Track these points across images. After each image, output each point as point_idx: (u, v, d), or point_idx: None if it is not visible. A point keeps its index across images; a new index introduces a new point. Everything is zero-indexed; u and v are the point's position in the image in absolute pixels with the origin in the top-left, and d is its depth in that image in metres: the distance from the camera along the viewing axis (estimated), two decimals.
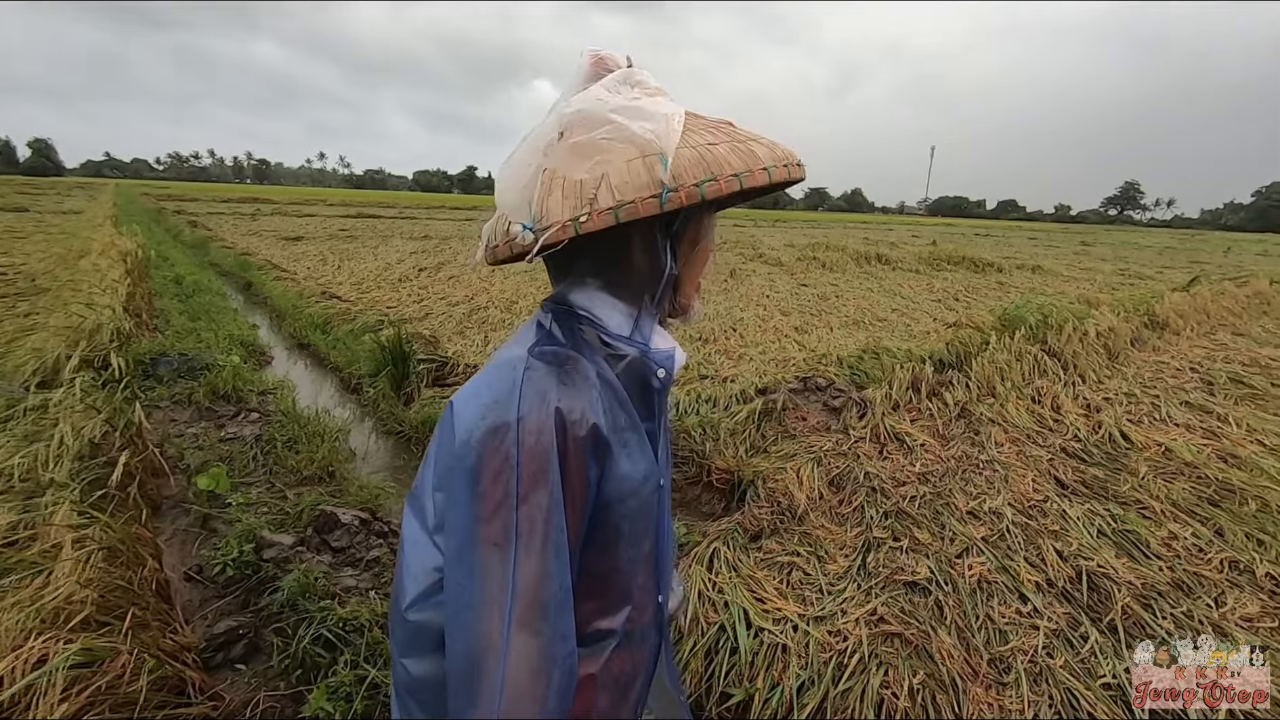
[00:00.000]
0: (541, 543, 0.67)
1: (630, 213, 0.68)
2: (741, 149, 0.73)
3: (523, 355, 0.73)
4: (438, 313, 7.24)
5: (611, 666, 0.82)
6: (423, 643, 0.76)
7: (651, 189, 0.68)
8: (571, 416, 0.69)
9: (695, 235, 0.81)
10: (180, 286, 8.51)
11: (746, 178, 0.71)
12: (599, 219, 0.67)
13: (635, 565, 0.82)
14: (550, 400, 0.69)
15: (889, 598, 2.28)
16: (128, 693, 1.63)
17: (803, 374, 4.76)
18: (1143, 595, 2.33)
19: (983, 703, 1.86)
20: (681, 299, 0.85)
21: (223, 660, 2.10)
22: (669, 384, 0.84)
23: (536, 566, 0.66)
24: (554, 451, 0.68)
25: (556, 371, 0.72)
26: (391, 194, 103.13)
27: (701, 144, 0.72)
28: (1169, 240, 40.76)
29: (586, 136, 0.70)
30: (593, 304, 0.79)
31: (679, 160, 0.69)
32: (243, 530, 2.64)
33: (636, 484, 0.78)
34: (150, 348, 5.01)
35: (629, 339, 0.80)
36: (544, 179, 0.71)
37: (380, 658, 1.98)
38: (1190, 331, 6.93)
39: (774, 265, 12.79)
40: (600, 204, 0.68)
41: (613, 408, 0.76)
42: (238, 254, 12.02)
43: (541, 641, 0.66)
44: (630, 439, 0.78)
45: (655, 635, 0.91)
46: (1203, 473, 3.29)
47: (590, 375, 0.74)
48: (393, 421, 4.44)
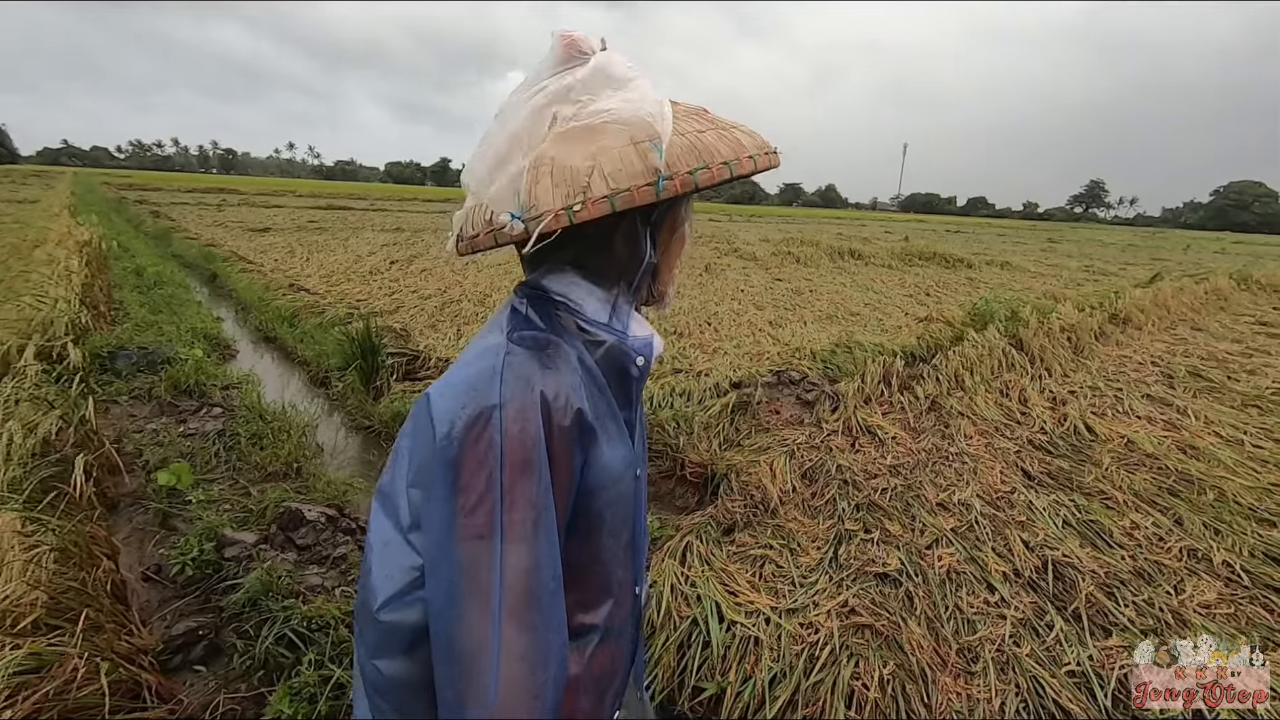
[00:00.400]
0: (531, 532, 0.65)
1: (626, 201, 0.66)
2: (727, 137, 0.73)
3: (502, 341, 0.71)
4: (409, 305, 7.12)
5: (593, 665, 0.80)
6: (396, 643, 0.73)
7: (646, 177, 0.66)
8: (556, 402, 0.68)
9: (674, 223, 0.81)
10: (141, 278, 8.25)
11: (736, 165, 0.71)
12: (594, 208, 0.65)
13: (615, 556, 0.81)
14: (534, 385, 0.67)
15: (860, 589, 2.30)
16: (78, 698, 1.57)
17: (776, 367, 4.79)
18: (1106, 584, 2.38)
19: (951, 692, 1.88)
20: (659, 286, 0.84)
21: (181, 662, 2.04)
22: (646, 372, 0.83)
23: (526, 557, 0.64)
24: (540, 437, 0.66)
25: (538, 356, 0.70)
26: (363, 185, 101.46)
27: (690, 131, 0.71)
28: (1132, 238, 41.85)
29: (579, 123, 0.68)
30: (569, 290, 0.77)
31: (671, 148, 0.68)
32: (203, 528, 2.56)
33: (618, 472, 0.77)
34: (108, 340, 4.85)
35: (607, 325, 0.78)
36: (531, 166, 0.68)
37: (346, 657, 1.93)
38: (1152, 326, 7.11)
39: (749, 260, 12.83)
40: (594, 192, 0.65)
41: (593, 394, 0.74)
42: (202, 245, 11.70)
43: (535, 635, 0.65)
44: (610, 426, 0.76)
45: (632, 629, 0.90)
46: (1163, 463, 3.37)
47: (572, 360, 0.73)
48: (361, 416, 4.36)
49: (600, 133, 0.68)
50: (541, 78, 0.72)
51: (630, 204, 0.66)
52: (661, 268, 0.83)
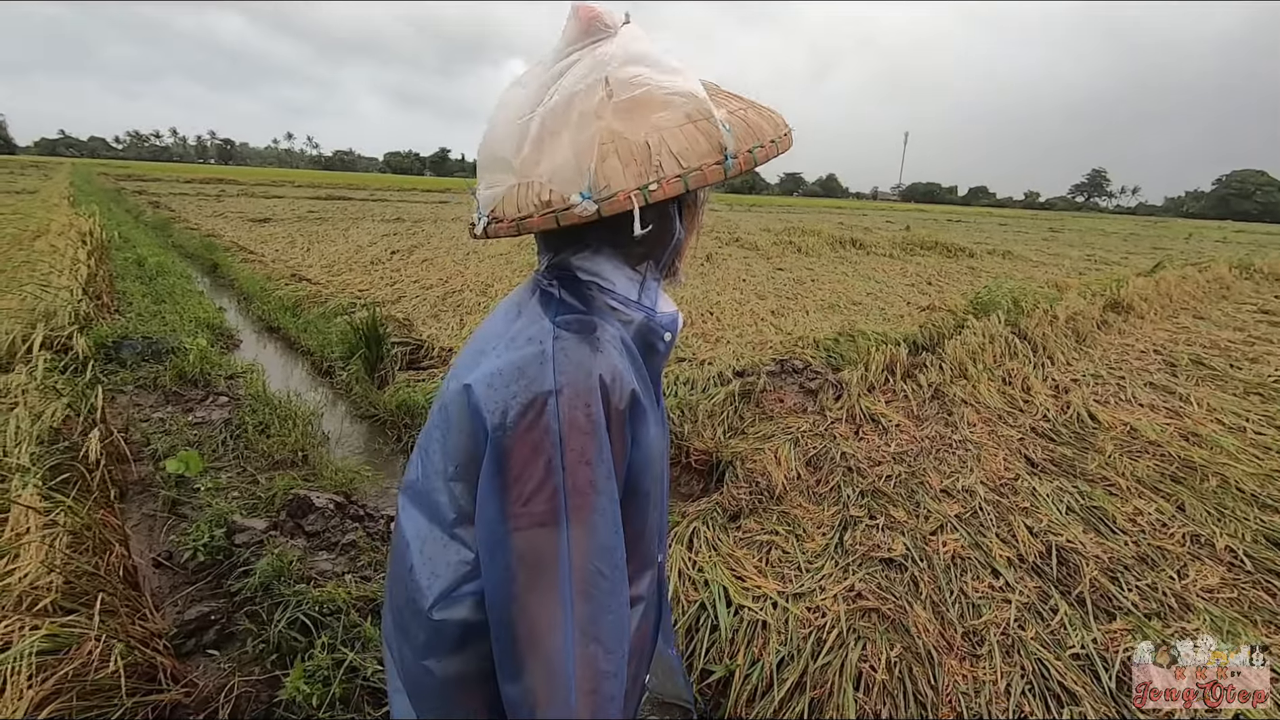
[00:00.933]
0: (596, 515, 0.65)
1: (698, 180, 0.65)
2: (765, 114, 0.74)
3: (548, 327, 0.70)
4: (411, 296, 7.12)
5: (638, 636, 0.82)
6: (447, 641, 0.73)
7: (715, 155, 0.66)
8: (613, 385, 0.68)
9: (699, 212, 0.82)
10: (143, 269, 8.24)
11: (780, 143, 0.73)
12: (668, 187, 0.64)
13: (654, 529, 0.83)
14: (590, 369, 0.67)
15: (866, 574, 2.31)
16: (96, 679, 1.59)
17: (779, 356, 4.79)
18: (1109, 569, 2.39)
19: (957, 674, 1.90)
20: (678, 262, 0.85)
21: (194, 646, 2.06)
22: (670, 348, 0.83)
23: (592, 539, 0.65)
24: (602, 421, 0.66)
25: (588, 339, 0.69)
26: (362, 175, 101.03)
27: (736, 109, 0.71)
28: (1134, 227, 41.76)
29: (630, 95, 0.66)
30: (600, 269, 0.77)
31: (736, 126, 0.69)
32: (213, 515, 2.58)
33: (659, 449, 0.78)
34: (112, 330, 4.85)
35: (637, 303, 0.78)
36: (597, 143, 0.65)
37: (359, 641, 1.95)
38: (1154, 315, 7.11)
39: (750, 250, 12.81)
40: (666, 171, 0.64)
41: (639, 372, 0.75)
42: (203, 235, 11.68)
43: (609, 616, 0.65)
44: (650, 405, 0.77)
45: (657, 598, 0.91)
46: (1166, 451, 3.38)
47: (617, 340, 0.73)
48: (366, 405, 4.37)
49: (657, 107, 0.66)
50: (565, 52, 0.70)
51: (702, 183, 0.66)
52: (684, 247, 0.84)
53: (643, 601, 0.82)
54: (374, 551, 2.50)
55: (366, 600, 2.16)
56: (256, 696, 1.83)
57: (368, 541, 2.56)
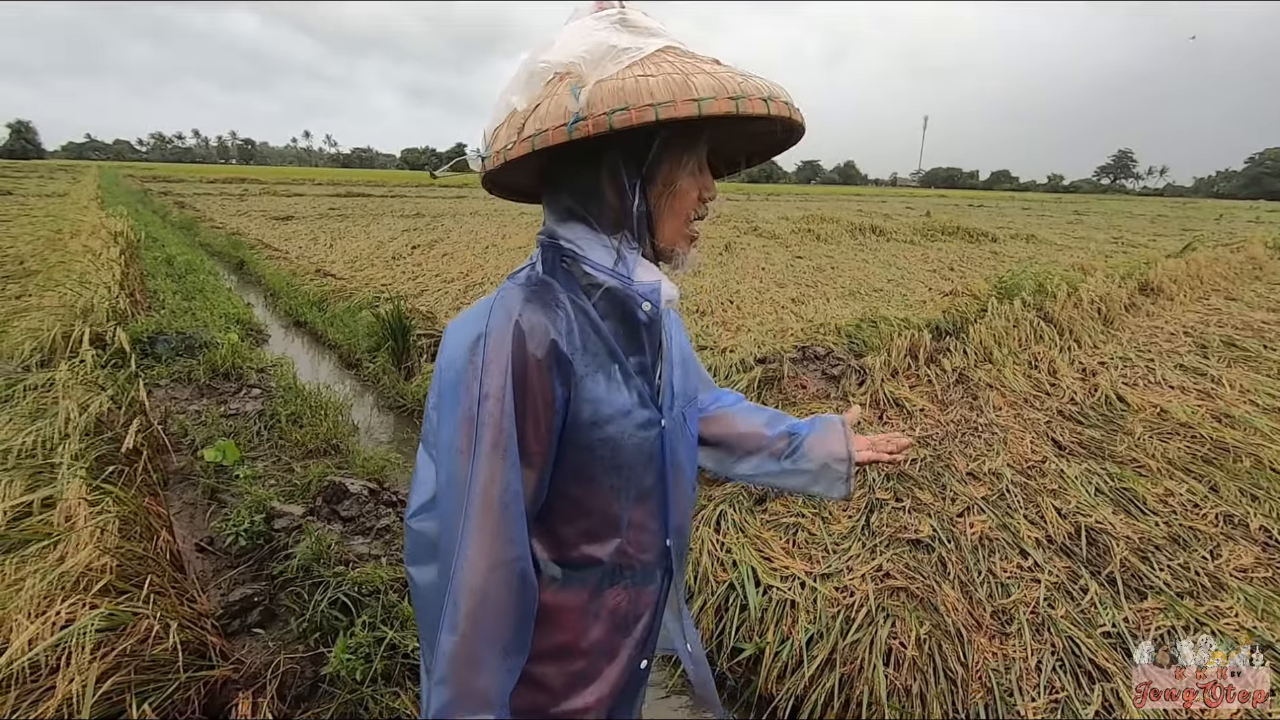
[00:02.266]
0: (490, 447, 0.72)
1: (544, 140, 0.70)
2: (678, 80, 0.70)
3: (505, 283, 0.81)
4: (433, 289, 7.21)
5: (605, 599, 0.86)
6: (424, 551, 0.81)
7: (563, 118, 0.69)
8: (531, 332, 0.74)
9: (669, 177, 0.80)
10: (172, 267, 8.43)
11: (665, 108, 0.68)
12: (519, 147, 0.72)
13: (623, 497, 0.84)
14: (513, 315, 0.74)
15: (893, 554, 2.33)
16: (152, 655, 1.66)
17: (801, 343, 4.78)
18: (1140, 549, 2.38)
19: (988, 651, 1.91)
20: (660, 242, 0.84)
21: (240, 626, 2.13)
22: (657, 317, 0.85)
23: (487, 469, 0.72)
24: (509, 363, 0.72)
25: (524, 291, 0.77)
26: (380, 173, 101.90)
27: (637, 75, 0.71)
28: (1161, 208, 40.81)
29: (532, 72, 0.75)
30: (576, 237, 0.82)
31: (599, 91, 0.69)
32: (252, 501, 2.65)
33: (613, 413, 0.80)
34: (147, 326, 4.98)
35: (611, 270, 0.81)
36: (497, 114, 0.77)
37: (397, 619, 2.01)
38: (1184, 297, 6.98)
39: (769, 238, 12.75)
40: (523, 135, 0.72)
41: (585, 332, 0.79)
42: (228, 234, 11.90)
43: (489, 541, 0.73)
44: (607, 367, 0.80)
45: (661, 577, 0.93)
46: (1197, 432, 3.34)
47: (560, 298, 0.78)
48: (394, 395, 4.45)
49: (538, 82, 0.75)
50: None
51: (547, 143, 0.70)
52: (659, 223, 0.82)
53: (604, 566, 0.85)
54: None
55: (403, 582, 2.22)
56: (301, 672, 1.89)
57: (400, 526, 2.62)
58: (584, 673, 0.86)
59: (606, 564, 0.85)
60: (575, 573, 0.84)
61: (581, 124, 0.69)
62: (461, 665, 0.74)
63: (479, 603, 0.73)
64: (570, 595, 0.84)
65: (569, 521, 0.83)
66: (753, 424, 1.12)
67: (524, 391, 0.73)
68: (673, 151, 0.79)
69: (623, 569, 0.87)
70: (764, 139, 0.92)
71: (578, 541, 0.84)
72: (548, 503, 0.82)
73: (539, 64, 0.75)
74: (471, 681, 0.74)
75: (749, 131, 0.88)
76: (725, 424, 1.12)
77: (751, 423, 1.12)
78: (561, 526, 0.83)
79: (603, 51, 0.72)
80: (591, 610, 0.85)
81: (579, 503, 0.82)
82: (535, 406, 0.75)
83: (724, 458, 1.14)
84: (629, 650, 0.90)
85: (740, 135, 0.89)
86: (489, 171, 0.79)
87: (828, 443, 1.08)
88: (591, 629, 0.85)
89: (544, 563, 0.83)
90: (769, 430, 1.11)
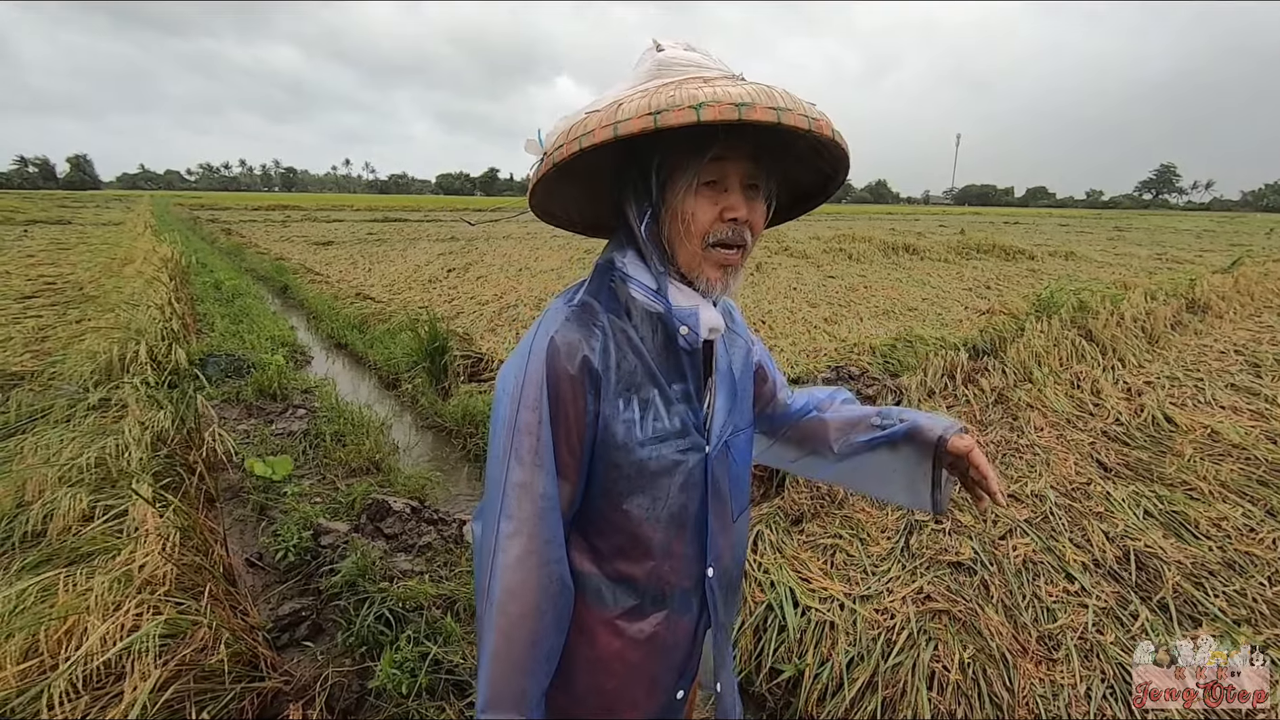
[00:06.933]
0: (528, 455, 0.78)
1: (535, 177, 0.81)
2: (608, 111, 0.73)
3: (554, 303, 0.87)
4: (469, 311, 7.35)
5: (643, 623, 0.87)
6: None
7: (539, 157, 0.81)
8: (565, 348, 0.79)
9: (669, 200, 0.82)
10: (220, 291, 8.75)
11: (587, 139, 0.72)
12: (539, 174, 0.81)
13: (654, 520, 0.85)
14: (550, 333, 0.80)
15: (934, 577, 2.30)
16: (209, 665, 1.72)
17: (835, 364, 4.77)
18: (1193, 574, 2.31)
19: (1034, 677, 1.87)
20: (679, 268, 0.85)
21: (289, 640, 2.20)
22: (697, 344, 0.85)
23: (521, 475, 0.79)
24: (543, 377, 0.78)
25: (565, 310, 0.83)
26: (416, 198, 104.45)
27: (588, 111, 0.77)
28: (1207, 223, 39.56)
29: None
30: (626, 262, 0.87)
31: (554, 130, 0.80)
32: (300, 518, 2.74)
33: (647, 436, 0.82)
34: (198, 348, 5.19)
35: (656, 294, 0.84)
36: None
37: (440, 635, 2.05)
38: (1233, 314, 6.76)
39: (800, 258, 12.72)
40: (531, 174, 0.83)
41: (621, 350, 0.82)
42: (272, 259, 12.32)
43: (525, 540, 0.79)
44: (647, 391, 0.83)
45: (698, 606, 0.92)
46: (1251, 454, 3.23)
47: (600, 318, 0.83)
48: (433, 415, 4.54)
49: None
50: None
51: (535, 179, 0.81)
52: (674, 247, 0.84)
53: (638, 585, 0.87)
54: (448, 553, 2.61)
55: (445, 598, 2.26)
56: (349, 686, 1.94)
57: (441, 544, 2.67)
58: (618, 693, 0.88)
59: (643, 584, 0.87)
60: (614, 588, 0.86)
61: (545, 160, 0.79)
62: (500, 662, 0.79)
63: (515, 601, 0.78)
64: (608, 611, 0.86)
65: (602, 535, 0.86)
66: (854, 412, 1.12)
67: (557, 403, 0.79)
68: (669, 175, 0.81)
69: (662, 593, 0.88)
70: (811, 166, 0.92)
71: (613, 557, 0.86)
72: (584, 514, 0.86)
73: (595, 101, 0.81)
74: (509, 679, 0.79)
75: (796, 154, 0.87)
76: (817, 425, 1.14)
77: (853, 411, 1.12)
78: (597, 539, 0.87)
79: (614, 99, 0.76)
80: (625, 632, 0.86)
81: (608, 519, 0.85)
82: (567, 418, 0.80)
83: (816, 460, 1.15)
84: (665, 678, 0.91)
85: (789, 159, 0.88)
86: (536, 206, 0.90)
87: (929, 422, 1.03)
88: (628, 651, 0.87)
89: (584, 575, 0.86)
90: (867, 412, 1.10)
